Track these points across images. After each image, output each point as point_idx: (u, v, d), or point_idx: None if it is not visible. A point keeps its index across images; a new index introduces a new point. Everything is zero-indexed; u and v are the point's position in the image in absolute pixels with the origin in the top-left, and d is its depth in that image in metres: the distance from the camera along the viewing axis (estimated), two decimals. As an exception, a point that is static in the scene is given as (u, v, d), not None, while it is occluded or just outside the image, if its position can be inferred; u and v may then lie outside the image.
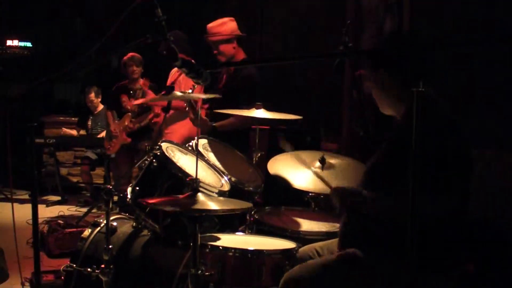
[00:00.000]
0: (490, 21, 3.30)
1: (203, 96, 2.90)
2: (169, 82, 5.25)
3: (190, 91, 3.22)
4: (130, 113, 6.10)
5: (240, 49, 4.22)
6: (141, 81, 5.85)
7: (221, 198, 2.58)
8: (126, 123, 6.08)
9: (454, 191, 1.97)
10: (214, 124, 4.00)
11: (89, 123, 7.50)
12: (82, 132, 7.72)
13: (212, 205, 2.21)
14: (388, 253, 2.00)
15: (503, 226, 2.97)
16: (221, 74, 4.33)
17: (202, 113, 4.23)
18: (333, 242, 2.35)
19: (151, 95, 5.59)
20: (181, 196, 2.30)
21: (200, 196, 2.24)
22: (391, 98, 2.19)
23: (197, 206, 2.17)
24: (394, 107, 2.21)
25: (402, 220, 1.91)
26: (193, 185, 2.29)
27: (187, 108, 4.05)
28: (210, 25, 4.21)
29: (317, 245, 2.40)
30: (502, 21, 3.22)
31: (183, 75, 4.99)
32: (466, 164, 2.05)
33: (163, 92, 2.94)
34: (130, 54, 5.98)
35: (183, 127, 5.06)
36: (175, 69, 5.19)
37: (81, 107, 8.28)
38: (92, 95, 7.36)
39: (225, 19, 4.22)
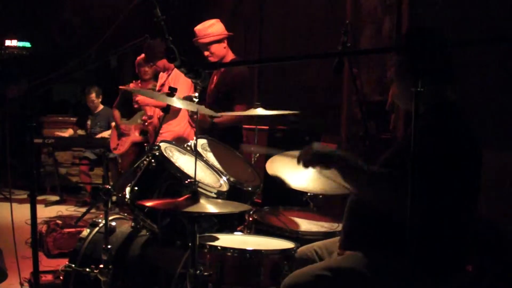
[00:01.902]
0: (489, 21, 3.31)
1: (200, 108, 2.95)
2: (159, 84, 5.27)
3: (196, 94, 3.23)
4: (143, 111, 6.08)
5: (229, 49, 4.25)
6: (131, 84, 5.81)
7: (219, 200, 2.58)
8: (139, 121, 6.08)
9: (462, 197, 1.96)
10: (214, 120, 4.00)
11: (89, 123, 7.50)
12: (80, 132, 7.72)
13: (211, 208, 2.21)
14: (390, 254, 1.99)
15: (503, 226, 2.97)
16: (212, 75, 4.35)
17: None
18: (332, 241, 2.35)
19: (141, 97, 5.54)
20: (179, 198, 2.29)
21: (199, 199, 2.23)
22: (409, 94, 2.13)
23: (196, 209, 2.17)
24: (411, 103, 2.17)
25: (392, 209, 1.92)
26: (192, 187, 2.29)
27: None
28: (198, 27, 4.23)
29: (316, 245, 2.39)
30: (501, 21, 3.22)
31: (171, 77, 5.02)
32: (477, 168, 2.03)
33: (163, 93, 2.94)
34: (144, 55, 5.95)
35: (178, 125, 5.09)
36: (164, 73, 5.22)
37: (81, 107, 8.28)
38: (93, 95, 7.34)
39: (212, 21, 4.25)
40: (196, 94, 3.23)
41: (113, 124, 7.32)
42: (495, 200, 3.02)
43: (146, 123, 5.80)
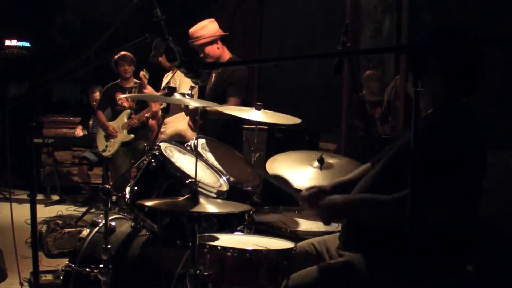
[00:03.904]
0: (490, 21, 3.31)
1: (199, 104, 2.96)
2: (164, 82, 5.30)
3: (189, 91, 3.28)
4: (129, 110, 6.07)
5: (225, 48, 4.27)
6: (141, 72, 5.79)
7: (219, 200, 2.58)
8: (126, 121, 6.05)
9: (461, 199, 1.96)
10: (206, 108, 4.01)
11: (91, 122, 7.49)
12: (82, 132, 7.71)
13: (211, 208, 2.21)
14: (389, 254, 1.99)
15: (503, 226, 2.98)
16: (210, 75, 4.36)
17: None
18: (331, 237, 2.36)
19: (149, 89, 5.57)
20: (179, 198, 2.29)
21: (199, 199, 2.23)
22: (426, 90, 1.99)
23: (196, 209, 2.17)
24: (426, 103, 2.15)
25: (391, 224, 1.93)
26: (192, 187, 2.29)
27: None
28: (191, 29, 4.25)
29: (314, 240, 2.39)
30: (501, 21, 3.22)
31: (177, 75, 5.05)
32: (481, 168, 2.03)
33: (164, 92, 2.94)
34: (121, 52, 5.89)
35: (177, 119, 5.10)
36: (169, 72, 5.26)
37: (82, 107, 8.27)
38: (97, 94, 7.26)
39: (205, 22, 4.26)
40: (189, 92, 3.27)
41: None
42: (496, 200, 3.02)
43: (148, 121, 5.82)
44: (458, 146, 1.95)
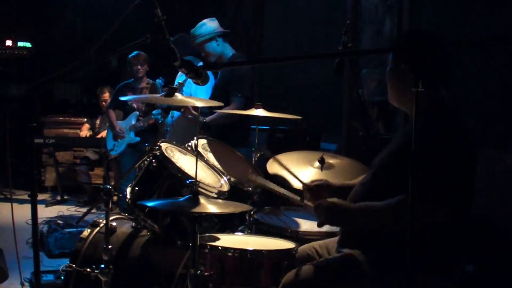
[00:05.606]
0: (490, 21, 3.31)
1: (202, 104, 2.96)
2: (177, 79, 5.27)
3: (177, 83, 3.24)
4: (137, 112, 6.06)
5: (226, 45, 4.28)
6: (157, 80, 5.76)
7: (220, 200, 2.58)
8: (134, 123, 6.04)
9: (458, 198, 1.97)
10: (205, 120, 4.03)
11: (98, 122, 7.48)
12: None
13: (212, 208, 2.21)
14: (388, 253, 2.00)
15: (503, 226, 2.98)
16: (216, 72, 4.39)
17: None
18: (332, 241, 2.35)
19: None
20: (180, 199, 2.30)
21: (200, 199, 2.24)
22: (408, 95, 2.10)
23: (197, 209, 2.17)
24: (410, 104, 2.16)
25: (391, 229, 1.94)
26: (193, 187, 2.29)
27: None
28: (192, 30, 4.27)
29: (316, 243, 2.40)
30: (502, 21, 3.22)
31: None
32: (472, 169, 2.04)
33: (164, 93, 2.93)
34: (135, 52, 5.90)
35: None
36: None
37: (85, 107, 8.25)
38: (107, 94, 7.21)
39: (205, 20, 4.30)
40: (177, 83, 3.23)
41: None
42: (495, 200, 3.02)
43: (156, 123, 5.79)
44: (453, 146, 1.98)
